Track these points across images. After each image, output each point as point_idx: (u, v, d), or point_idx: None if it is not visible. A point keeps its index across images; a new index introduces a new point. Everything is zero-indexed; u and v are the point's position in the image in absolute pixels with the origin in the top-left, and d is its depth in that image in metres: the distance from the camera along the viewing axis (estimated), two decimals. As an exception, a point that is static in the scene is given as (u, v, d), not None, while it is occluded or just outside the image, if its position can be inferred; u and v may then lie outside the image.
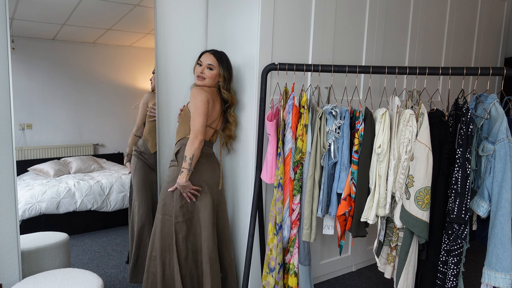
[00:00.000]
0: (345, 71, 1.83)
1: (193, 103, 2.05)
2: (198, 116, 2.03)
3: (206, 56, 2.13)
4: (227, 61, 2.16)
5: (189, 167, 2.01)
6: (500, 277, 1.52)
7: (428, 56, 2.99)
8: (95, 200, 2.59)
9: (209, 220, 2.12)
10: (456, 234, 1.62)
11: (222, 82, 2.15)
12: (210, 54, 2.13)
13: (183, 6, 2.46)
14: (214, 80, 2.14)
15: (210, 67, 2.11)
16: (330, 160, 1.88)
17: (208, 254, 2.11)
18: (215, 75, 2.12)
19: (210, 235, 2.12)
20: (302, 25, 2.25)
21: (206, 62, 2.11)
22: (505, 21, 3.63)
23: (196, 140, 2.01)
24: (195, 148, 2.01)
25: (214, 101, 2.12)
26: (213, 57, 2.12)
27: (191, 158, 2.01)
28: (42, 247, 2.11)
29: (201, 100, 2.04)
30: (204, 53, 2.16)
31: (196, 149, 2.02)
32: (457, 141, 1.63)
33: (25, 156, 2.42)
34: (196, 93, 2.06)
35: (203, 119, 2.03)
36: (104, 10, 2.43)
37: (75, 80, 2.57)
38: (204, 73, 2.11)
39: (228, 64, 2.16)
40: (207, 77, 2.11)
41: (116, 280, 2.50)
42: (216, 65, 2.11)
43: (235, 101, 2.21)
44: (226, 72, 2.13)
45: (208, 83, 2.12)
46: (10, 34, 1.88)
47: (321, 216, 1.92)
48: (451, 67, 1.67)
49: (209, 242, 2.12)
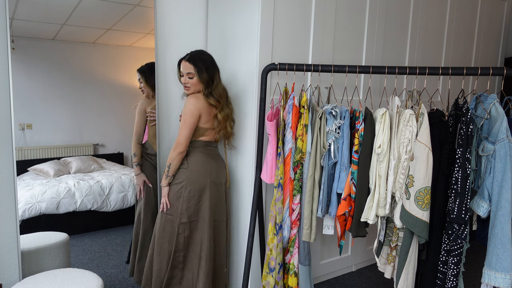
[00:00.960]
0: (345, 71, 1.83)
1: (184, 113, 2.05)
2: (184, 128, 2.04)
3: (183, 65, 2.07)
4: (203, 62, 2.05)
5: (167, 173, 2.09)
6: (500, 277, 1.52)
7: (428, 56, 2.99)
8: (95, 200, 2.59)
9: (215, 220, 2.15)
10: (456, 234, 1.62)
11: (203, 89, 2.07)
12: (185, 62, 2.06)
13: (183, 6, 2.46)
14: (199, 86, 2.08)
15: (189, 76, 2.06)
16: (330, 160, 1.88)
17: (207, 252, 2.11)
18: (197, 81, 2.06)
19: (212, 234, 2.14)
20: (302, 25, 2.25)
21: (185, 71, 2.06)
22: (505, 21, 3.63)
23: (176, 150, 2.06)
24: (173, 158, 2.06)
25: (208, 107, 2.09)
26: (188, 63, 2.04)
27: (169, 166, 2.08)
28: (42, 247, 2.11)
29: (190, 112, 2.03)
30: (181, 61, 2.10)
31: (174, 159, 2.06)
32: (457, 141, 1.63)
33: (25, 156, 2.42)
34: (190, 104, 2.04)
35: (189, 133, 2.05)
36: (104, 10, 2.43)
37: (75, 80, 2.57)
38: (187, 82, 2.07)
39: (204, 64, 2.05)
40: (191, 85, 2.08)
41: (116, 280, 2.50)
42: (193, 71, 2.04)
43: (223, 99, 2.12)
44: (204, 75, 2.03)
45: (195, 91, 2.09)
46: (10, 34, 1.88)
47: (321, 216, 1.92)
48: (451, 67, 1.67)
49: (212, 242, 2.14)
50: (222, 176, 2.21)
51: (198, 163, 2.11)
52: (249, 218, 2.14)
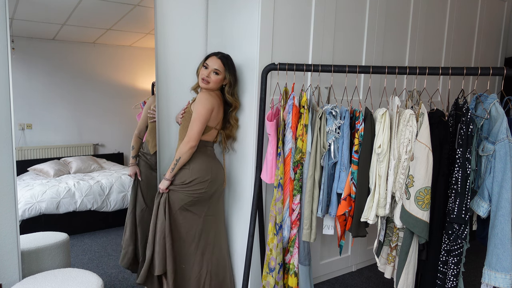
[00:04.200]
0: (345, 71, 1.83)
1: (197, 107, 2.06)
2: (198, 123, 2.05)
3: (213, 60, 2.11)
4: (233, 66, 2.16)
5: (173, 166, 2.07)
6: (500, 277, 1.52)
7: (428, 56, 2.99)
8: (95, 200, 2.59)
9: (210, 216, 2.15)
10: (456, 234, 1.62)
11: (228, 87, 2.15)
12: (218, 59, 2.11)
13: (183, 6, 2.46)
14: (218, 85, 2.14)
15: (217, 72, 2.10)
16: (330, 160, 1.88)
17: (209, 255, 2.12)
18: (221, 80, 2.12)
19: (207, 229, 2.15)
20: (302, 25, 2.25)
21: (213, 66, 2.09)
22: (505, 21, 3.63)
23: (187, 145, 2.05)
24: (184, 152, 2.05)
25: (219, 105, 2.14)
26: (220, 62, 2.10)
27: (177, 159, 2.06)
28: (42, 247, 2.11)
29: (206, 107, 2.05)
30: (210, 56, 2.14)
31: (185, 153, 2.05)
32: (457, 141, 1.63)
33: (25, 156, 2.42)
34: (204, 99, 2.06)
35: (201, 127, 2.06)
36: (104, 10, 2.43)
37: (75, 80, 2.57)
38: (209, 77, 2.09)
39: (233, 68, 2.16)
40: (212, 82, 2.10)
41: (116, 280, 2.50)
42: (222, 70, 2.10)
43: (238, 104, 2.22)
44: (232, 77, 2.13)
45: (212, 87, 2.12)
46: (10, 34, 1.88)
47: (321, 216, 1.92)
48: (451, 67, 1.67)
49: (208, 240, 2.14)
50: (221, 177, 2.21)
51: (199, 163, 2.11)
52: (249, 218, 2.14)
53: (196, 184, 2.09)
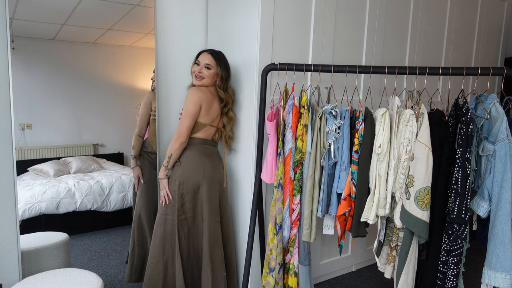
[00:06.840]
0: (345, 71, 1.83)
1: (185, 103, 2.09)
2: (186, 117, 2.07)
3: (204, 56, 2.15)
4: (224, 60, 2.18)
5: (166, 164, 2.09)
6: (500, 277, 1.52)
7: (428, 56, 2.99)
8: (95, 200, 2.59)
9: (211, 219, 2.13)
10: (456, 234, 1.62)
11: (219, 82, 2.17)
12: (208, 54, 2.15)
13: (183, 6, 2.46)
14: (212, 79, 2.16)
15: (208, 67, 2.13)
16: (330, 160, 1.88)
17: (208, 253, 2.11)
18: (213, 74, 2.14)
19: (212, 234, 2.13)
20: (302, 25, 2.25)
21: (204, 61, 2.13)
22: (505, 21, 3.63)
23: (177, 141, 2.08)
24: (175, 148, 2.08)
25: (211, 100, 2.14)
26: (211, 56, 2.14)
27: (169, 156, 2.09)
28: (42, 247, 2.11)
29: (192, 101, 2.07)
30: (201, 52, 2.18)
31: (176, 149, 2.08)
32: (457, 141, 1.63)
33: (25, 156, 2.42)
34: (191, 94, 2.09)
35: (190, 123, 2.08)
36: (104, 10, 2.43)
37: (75, 80, 2.58)
38: (202, 72, 2.13)
39: (225, 63, 2.18)
40: (206, 77, 2.13)
41: (116, 280, 2.50)
42: (214, 64, 2.13)
43: (231, 100, 2.22)
44: (223, 71, 2.16)
45: (206, 83, 2.15)
46: (10, 34, 1.88)
47: (321, 216, 1.92)
48: (451, 67, 1.67)
49: (211, 241, 2.12)
50: (218, 176, 2.20)
51: (190, 161, 2.11)
52: (249, 218, 2.13)
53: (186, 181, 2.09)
